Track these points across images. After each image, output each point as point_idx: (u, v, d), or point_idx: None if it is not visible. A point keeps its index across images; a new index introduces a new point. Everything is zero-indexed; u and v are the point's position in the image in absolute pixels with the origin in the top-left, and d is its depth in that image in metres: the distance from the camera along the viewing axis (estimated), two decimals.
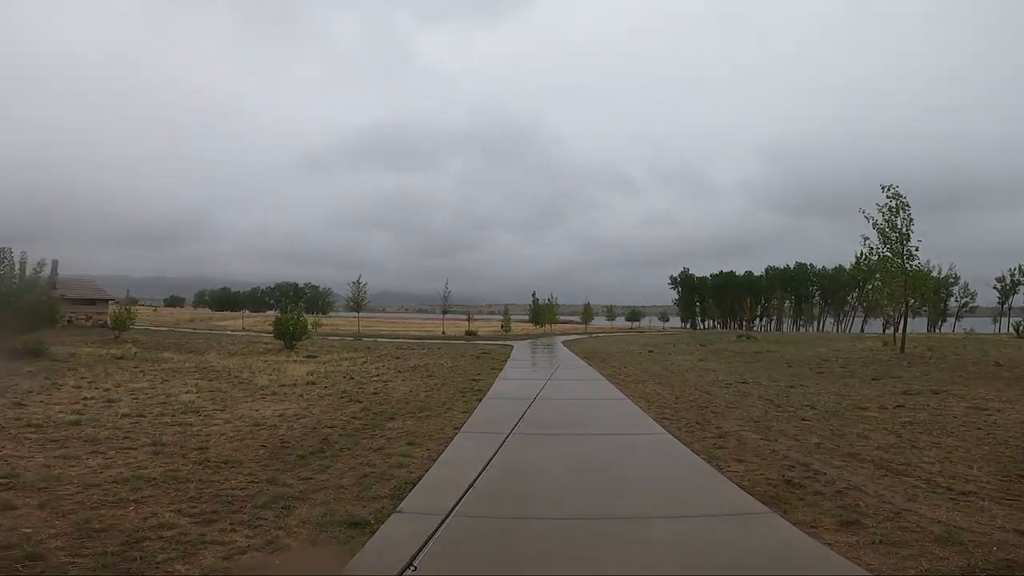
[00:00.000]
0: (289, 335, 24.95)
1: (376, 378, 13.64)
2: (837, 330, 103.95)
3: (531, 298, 59.87)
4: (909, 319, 27.35)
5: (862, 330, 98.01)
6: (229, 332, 42.00)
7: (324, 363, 18.35)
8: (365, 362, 18.83)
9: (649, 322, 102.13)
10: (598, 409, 9.25)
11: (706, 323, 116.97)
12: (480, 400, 9.76)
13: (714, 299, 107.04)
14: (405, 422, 8.16)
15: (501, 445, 6.39)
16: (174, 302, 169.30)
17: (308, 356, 21.37)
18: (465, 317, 59.25)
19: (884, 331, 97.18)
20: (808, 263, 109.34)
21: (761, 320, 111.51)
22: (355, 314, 53.31)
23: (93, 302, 38.61)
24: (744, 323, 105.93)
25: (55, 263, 39.73)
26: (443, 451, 6.28)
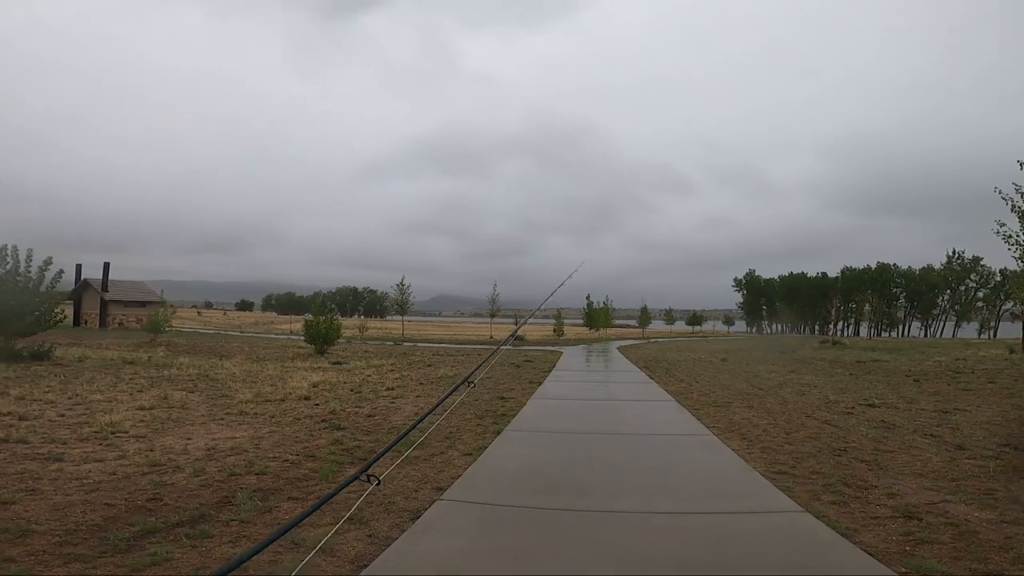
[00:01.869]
0: (320, 339, 23.15)
1: (387, 393, 11.14)
2: (926, 335, 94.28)
3: (585, 301, 56.50)
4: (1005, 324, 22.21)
5: (953, 335, 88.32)
6: (273, 336, 41.20)
7: (345, 371, 16.16)
8: (391, 371, 16.52)
9: (713, 326, 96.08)
10: (671, 454, 6.18)
11: (774, 327, 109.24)
12: (500, 432, 6.94)
13: (784, 302, 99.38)
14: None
15: (497, 534, 3.55)
16: (244, 306, 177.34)
17: (335, 363, 19.34)
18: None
19: (980, 336, 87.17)
20: (891, 263, 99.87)
21: (838, 325, 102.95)
22: (408, 318, 51.88)
23: (143, 304, 38.60)
24: (822, 328, 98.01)
25: (106, 265, 40.37)
26: (393, 544, 3.52)
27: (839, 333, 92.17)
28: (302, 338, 26.13)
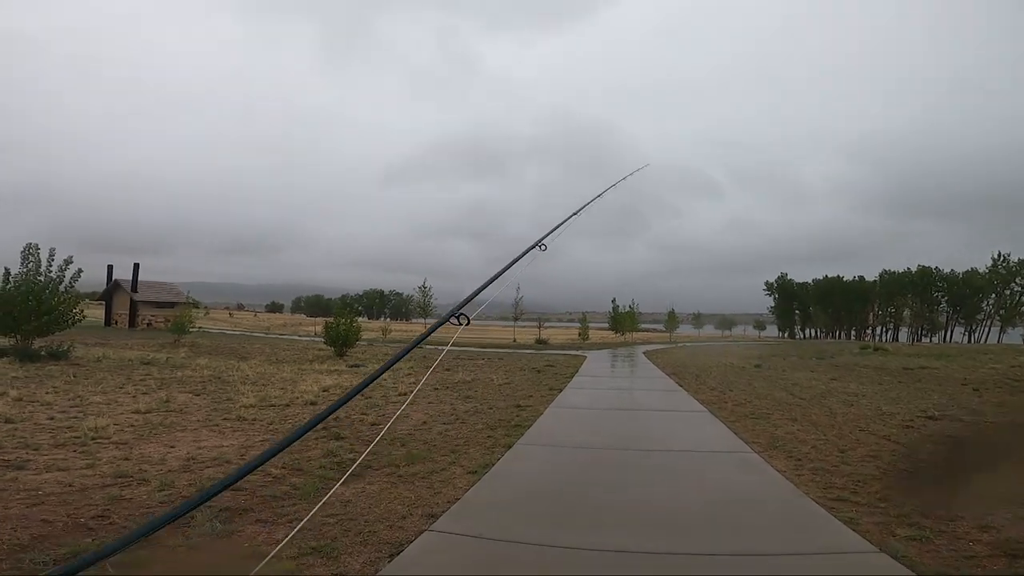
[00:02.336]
0: (340, 342, 22.79)
1: (399, 399, 10.53)
2: (970, 340, 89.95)
3: (610, 305, 55.43)
4: None
5: (999, 340, 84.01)
6: (298, 337, 41.26)
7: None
8: (408, 375, 15.96)
9: (744, 330, 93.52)
10: (707, 476, 5.37)
11: (807, 332, 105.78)
12: (511, 446, 6.22)
13: (819, 306, 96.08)
14: (367, 485, 4.85)
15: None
16: (274, 308, 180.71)
17: (352, 366, 18.94)
18: (545, 324, 55.67)
19: None
20: (933, 267, 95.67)
21: (875, 330, 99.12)
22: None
23: (172, 305, 39.07)
24: (859, 333, 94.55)
25: (136, 266, 41.04)
26: None
27: (878, 338, 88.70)
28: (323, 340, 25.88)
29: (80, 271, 16.21)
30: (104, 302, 41.47)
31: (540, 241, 2.16)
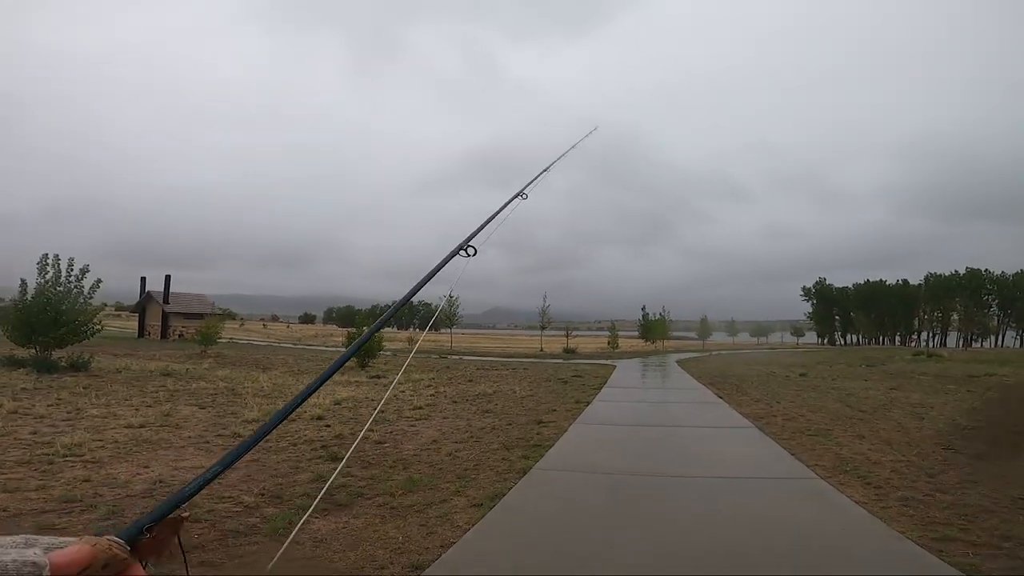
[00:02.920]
0: (362, 353, 22.28)
1: (412, 413, 9.76)
2: (1022, 344, 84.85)
3: (640, 313, 53.90)
4: None
5: None
6: (326, 348, 41.13)
7: (380, 386, 15.06)
8: (428, 386, 15.29)
9: (781, 338, 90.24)
10: (766, 511, 4.37)
11: (849, 338, 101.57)
12: (527, 471, 5.34)
13: (861, 312, 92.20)
14: (352, 519, 4.06)
15: None
16: (307, 319, 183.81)
17: (373, 377, 18.33)
18: (574, 333, 54.48)
19: None
20: (983, 268, 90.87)
21: (919, 335, 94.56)
22: (462, 331, 51.09)
23: (202, 316, 39.40)
24: (904, 338, 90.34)
25: (167, 278, 41.59)
26: None
27: (924, 344, 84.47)
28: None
29: (99, 281, 16.01)
30: (138, 314, 42.16)
31: (522, 191, 1.77)
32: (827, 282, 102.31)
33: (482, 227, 1.48)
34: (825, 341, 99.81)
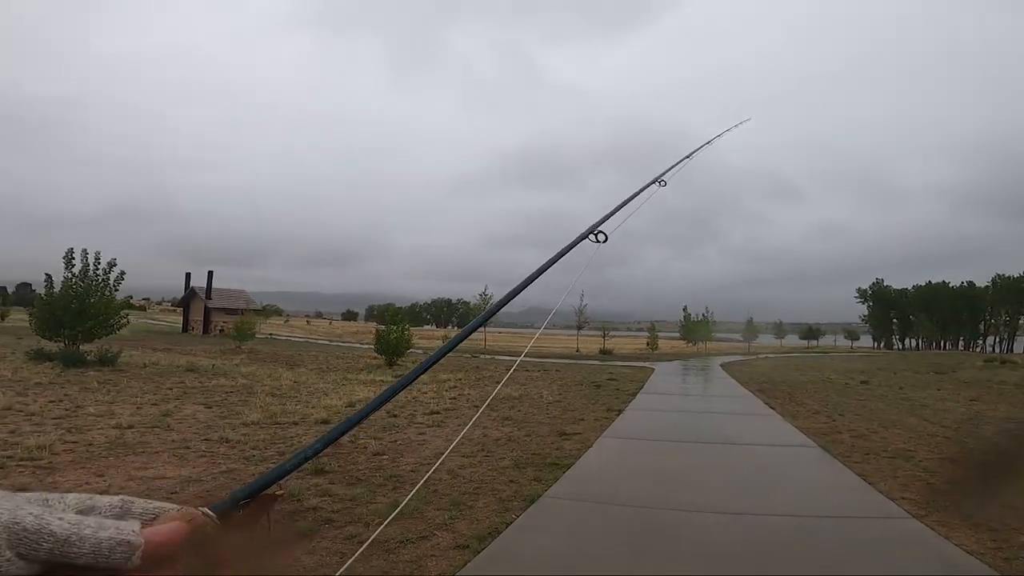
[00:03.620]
0: (390, 351, 21.76)
1: (427, 418, 8.98)
2: None
3: (681, 313, 51.94)
4: None
5: None
6: (359, 344, 41.13)
7: (407, 388, 14.35)
8: (454, 387, 14.55)
9: (835, 341, 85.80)
10: (850, 562, 3.29)
11: (908, 342, 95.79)
12: (536, 498, 4.39)
13: (923, 315, 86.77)
14: (305, 555, 3.22)
15: None
16: (349, 316, 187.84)
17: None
18: (612, 333, 52.98)
19: None
20: None
21: (986, 339, 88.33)
22: (500, 330, 50.40)
23: (241, 312, 40.04)
24: (967, 343, 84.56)
25: (210, 274, 42.45)
26: None
27: (992, 348, 78.79)
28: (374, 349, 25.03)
29: (123, 274, 15.92)
30: (182, 309, 43.25)
31: (660, 177, 1.56)
32: (885, 283, 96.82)
33: (614, 212, 1.21)
34: (881, 345, 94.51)
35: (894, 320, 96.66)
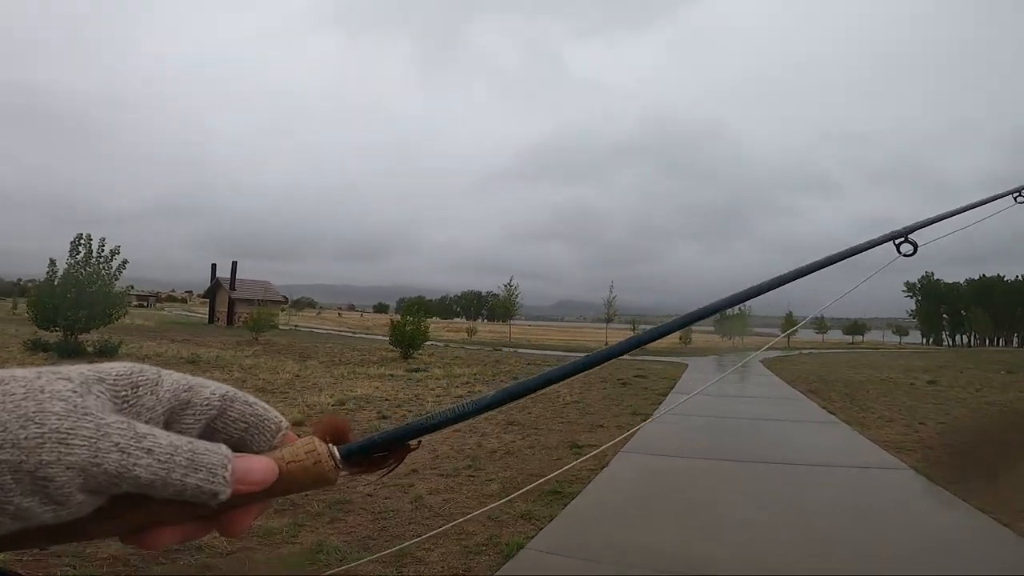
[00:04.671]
0: (406, 343, 20.67)
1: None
2: None
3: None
4: None
5: None
6: (382, 337, 40.45)
7: (413, 381, 13.30)
8: (466, 382, 13.40)
9: (883, 336, 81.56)
10: None
11: (959, 338, 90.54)
12: (515, 553, 3.02)
13: (978, 309, 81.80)
14: None
15: None
16: (380, 308, 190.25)
17: (413, 370, 16.59)
18: (642, 327, 51.00)
19: None
20: None
21: None
22: (528, 323, 49.13)
23: (264, 303, 39.76)
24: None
25: (234, 264, 42.35)
26: None
27: None
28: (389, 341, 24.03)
29: (125, 262, 15.16)
30: (208, 300, 43.33)
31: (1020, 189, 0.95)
32: (935, 277, 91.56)
33: (934, 220, 0.83)
34: (930, 341, 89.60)
35: (944, 315, 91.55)
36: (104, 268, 14.95)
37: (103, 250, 15.18)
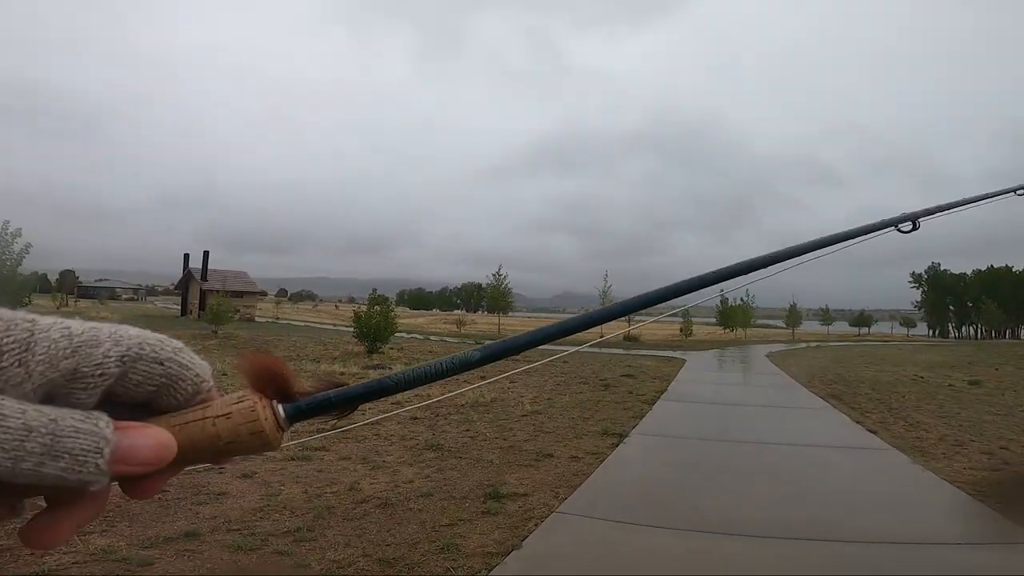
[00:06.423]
0: (371, 336, 18.52)
1: (291, 451, 5.61)
2: None
3: (718, 296, 47.36)
4: None
5: None
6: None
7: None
8: (441, 384, 11.19)
9: (892, 328, 79.49)
10: None
11: (965, 330, 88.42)
12: None
13: (988, 300, 79.63)
14: None
15: None
16: (377, 301, 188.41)
17: (372, 367, 14.57)
18: (638, 319, 48.76)
19: None
20: None
21: None
22: (526, 315, 46.98)
23: (240, 295, 37.61)
24: None
25: (206, 254, 40.17)
26: None
27: None
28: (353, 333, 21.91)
29: (29, 246, 13.07)
30: (180, 292, 41.24)
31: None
32: (942, 267, 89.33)
33: (942, 209, 0.82)
34: (936, 333, 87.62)
35: (950, 307, 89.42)
36: (5, 251, 12.89)
37: (6, 233, 13.10)
